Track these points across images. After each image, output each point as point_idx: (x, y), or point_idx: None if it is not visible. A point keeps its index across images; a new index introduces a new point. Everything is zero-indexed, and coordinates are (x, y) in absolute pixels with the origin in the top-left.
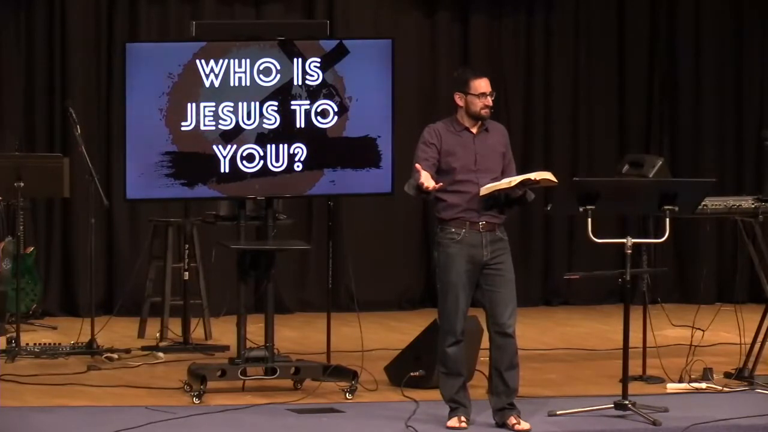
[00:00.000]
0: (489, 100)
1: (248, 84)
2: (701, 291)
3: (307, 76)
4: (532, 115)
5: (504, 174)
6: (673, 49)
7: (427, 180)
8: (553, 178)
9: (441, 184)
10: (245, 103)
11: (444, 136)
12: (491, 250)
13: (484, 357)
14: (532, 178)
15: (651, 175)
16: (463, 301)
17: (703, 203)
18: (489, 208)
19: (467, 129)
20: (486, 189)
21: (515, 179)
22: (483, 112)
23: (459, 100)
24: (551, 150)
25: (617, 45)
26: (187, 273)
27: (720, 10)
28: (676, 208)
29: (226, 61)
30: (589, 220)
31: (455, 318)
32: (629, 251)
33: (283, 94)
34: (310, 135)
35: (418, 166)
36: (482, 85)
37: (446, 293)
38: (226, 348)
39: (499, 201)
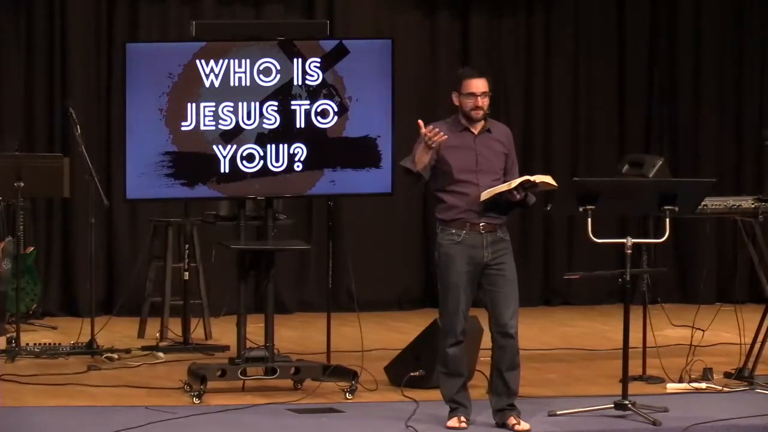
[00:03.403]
0: (479, 101)
1: (248, 84)
2: (701, 291)
3: (307, 76)
4: (532, 115)
5: (506, 175)
6: (673, 49)
7: (431, 133)
8: (552, 182)
9: (446, 137)
10: (245, 103)
11: (444, 134)
12: (492, 251)
13: (484, 357)
14: (531, 180)
15: (651, 175)
16: (464, 302)
17: (703, 203)
18: (489, 211)
19: (468, 129)
20: (486, 194)
21: (514, 182)
22: (473, 113)
23: (455, 99)
24: (551, 150)
25: (617, 45)
26: (187, 273)
27: (720, 11)
28: (676, 208)
29: (226, 61)
30: (589, 220)
31: (456, 319)
32: (629, 251)
33: (283, 94)
34: (310, 135)
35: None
36: (472, 84)
37: (446, 294)
38: (226, 348)
39: (499, 204)
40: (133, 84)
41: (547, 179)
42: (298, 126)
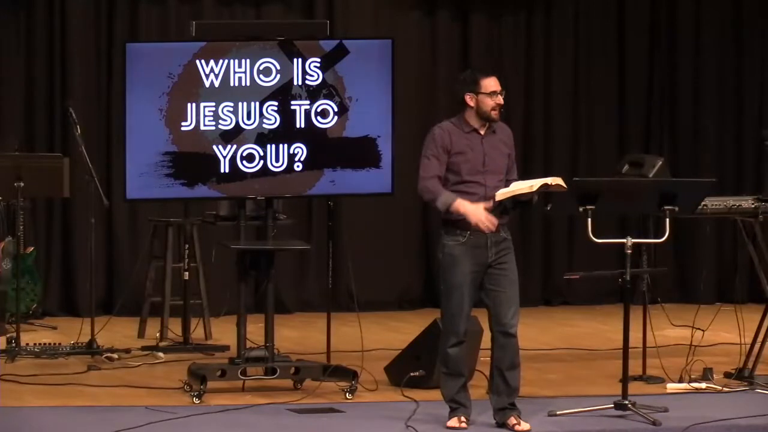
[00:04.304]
0: (500, 99)
1: (248, 84)
2: (701, 291)
3: (307, 76)
4: (532, 115)
5: (507, 174)
6: (673, 49)
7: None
8: (563, 184)
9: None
10: (245, 103)
11: (454, 137)
12: (496, 251)
13: (484, 357)
14: (549, 183)
15: (651, 175)
16: (467, 303)
17: (703, 203)
18: (494, 210)
19: (475, 130)
20: (503, 194)
21: (536, 184)
22: (493, 112)
23: (470, 100)
24: (551, 150)
25: (617, 45)
26: (187, 273)
27: (720, 11)
28: (676, 208)
29: (226, 61)
30: (589, 220)
31: (459, 319)
32: (629, 251)
33: (283, 94)
34: (310, 135)
35: (460, 207)
36: (492, 83)
37: (450, 294)
38: (226, 348)
39: (505, 204)
40: (133, 84)
41: (560, 181)
42: (298, 126)
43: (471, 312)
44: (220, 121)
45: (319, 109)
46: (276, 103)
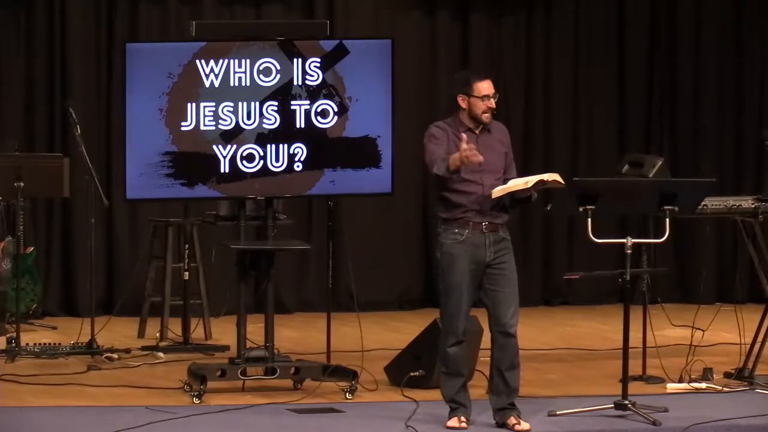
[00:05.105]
0: (492, 102)
1: (248, 84)
2: (701, 291)
3: (307, 76)
4: (532, 115)
5: (506, 173)
6: (673, 49)
7: (469, 152)
8: (560, 180)
9: (482, 158)
10: (245, 103)
11: (449, 135)
12: (494, 251)
13: (484, 357)
14: (545, 179)
15: (651, 175)
16: (466, 302)
17: (703, 203)
18: (493, 208)
19: (470, 130)
20: (500, 190)
21: (531, 180)
22: (485, 116)
23: (462, 102)
24: (551, 150)
25: (617, 45)
26: (187, 273)
27: (720, 11)
28: (676, 208)
29: (226, 61)
30: (589, 220)
31: (458, 318)
32: (629, 251)
33: (283, 94)
34: (310, 135)
35: (451, 162)
36: (485, 87)
37: (449, 294)
38: (226, 348)
39: (503, 201)
40: (133, 84)
41: (556, 177)
42: (298, 126)
43: (470, 311)
44: (220, 121)
45: (319, 109)
46: (276, 103)
